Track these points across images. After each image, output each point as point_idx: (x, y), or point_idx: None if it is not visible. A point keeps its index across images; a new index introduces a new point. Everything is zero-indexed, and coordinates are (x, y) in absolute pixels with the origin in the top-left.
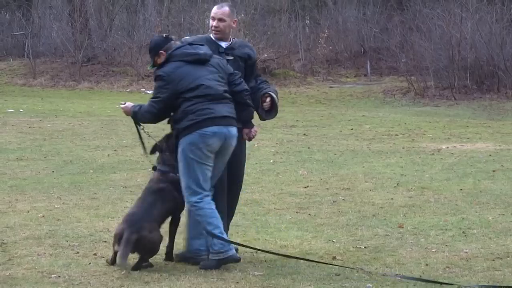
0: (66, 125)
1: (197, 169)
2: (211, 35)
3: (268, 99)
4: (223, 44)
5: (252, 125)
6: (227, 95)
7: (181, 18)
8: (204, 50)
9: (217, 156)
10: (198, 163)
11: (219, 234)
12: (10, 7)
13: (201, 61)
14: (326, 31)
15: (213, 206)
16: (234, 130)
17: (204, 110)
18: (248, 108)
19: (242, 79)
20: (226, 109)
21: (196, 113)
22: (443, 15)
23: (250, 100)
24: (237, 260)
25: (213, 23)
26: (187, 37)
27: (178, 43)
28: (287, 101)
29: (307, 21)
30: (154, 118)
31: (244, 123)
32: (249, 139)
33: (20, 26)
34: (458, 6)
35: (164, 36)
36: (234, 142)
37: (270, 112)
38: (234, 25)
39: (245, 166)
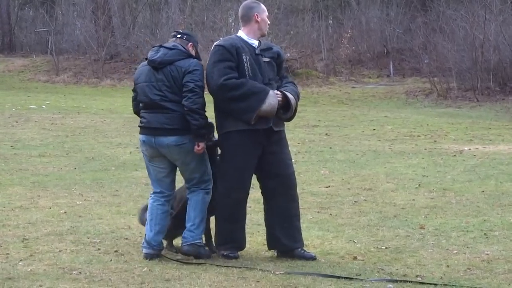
0: (88, 122)
1: (149, 166)
2: (240, 34)
3: (280, 93)
4: (255, 44)
5: (202, 140)
6: (164, 104)
7: (204, 17)
8: (160, 55)
9: (171, 161)
10: (148, 161)
11: (146, 231)
12: (34, 3)
13: (153, 66)
14: (349, 31)
15: (155, 205)
16: (164, 140)
17: (141, 117)
18: (192, 124)
19: (193, 96)
20: (158, 119)
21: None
22: (467, 16)
23: (194, 119)
24: (146, 257)
25: (268, 21)
26: (221, 38)
27: (171, 40)
28: (309, 101)
29: (330, 21)
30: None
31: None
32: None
33: (43, 22)
34: (481, 7)
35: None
36: (170, 150)
37: (286, 111)
38: None
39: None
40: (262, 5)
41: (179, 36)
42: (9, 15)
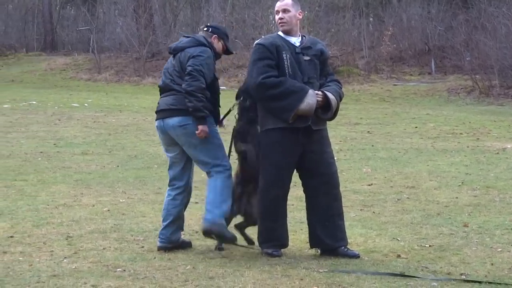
0: (130, 120)
1: (167, 156)
2: (280, 32)
3: (320, 93)
4: (296, 42)
5: (202, 123)
6: (172, 85)
7: (245, 15)
8: (176, 43)
9: (181, 146)
10: (165, 151)
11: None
12: (76, 2)
13: (170, 52)
14: (390, 28)
15: (166, 200)
16: (170, 121)
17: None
18: (188, 106)
19: (190, 79)
20: (166, 101)
21: None
22: (509, 13)
23: (189, 101)
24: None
25: (277, 16)
26: (262, 37)
27: (200, 33)
28: (350, 99)
29: (371, 19)
30: None
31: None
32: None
33: (85, 21)
34: None
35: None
36: (176, 131)
37: (325, 111)
38: (300, 16)
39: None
40: (277, 3)
41: (205, 29)
42: (51, 14)
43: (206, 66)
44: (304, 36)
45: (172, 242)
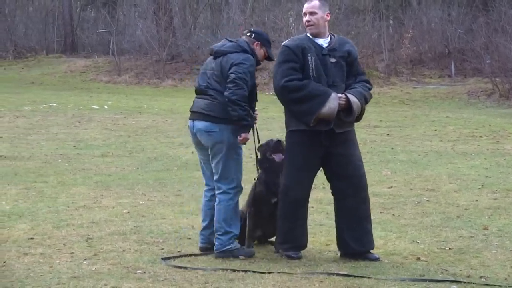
0: (150, 122)
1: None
2: (308, 34)
3: (343, 96)
4: (324, 43)
5: (245, 131)
6: (208, 90)
7: (265, 17)
8: (218, 45)
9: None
10: (196, 151)
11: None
12: (96, 4)
13: (211, 54)
14: (410, 31)
15: (203, 201)
16: (198, 124)
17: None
18: (232, 115)
19: (233, 87)
20: (200, 104)
21: None
22: None
23: (233, 110)
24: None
25: (305, 18)
26: (292, 37)
27: (243, 37)
28: (370, 102)
29: (391, 21)
30: None
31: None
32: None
33: (105, 23)
34: None
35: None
36: (201, 136)
37: (348, 114)
38: (327, 18)
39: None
40: (305, 5)
41: (248, 34)
42: (71, 16)
43: (249, 74)
44: (333, 35)
45: (213, 242)
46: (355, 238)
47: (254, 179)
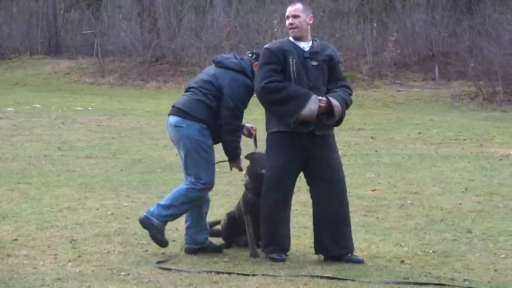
0: (134, 124)
1: None
2: (290, 37)
3: (324, 99)
4: (306, 46)
5: (236, 160)
6: (193, 86)
7: (250, 19)
8: (224, 57)
9: None
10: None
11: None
12: (80, 6)
13: (213, 60)
14: (394, 34)
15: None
16: (169, 118)
17: None
18: (224, 144)
19: (231, 117)
20: (180, 99)
21: None
22: None
23: (229, 136)
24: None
25: (288, 21)
26: (269, 42)
27: (246, 57)
28: (354, 104)
29: (375, 24)
30: None
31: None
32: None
33: (89, 25)
34: None
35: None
36: (171, 131)
37: (329, 117)
38: (310, 21)
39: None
40: (288, 8)
41: (250, 54)
42: (55, 17)
43: (244, 102)
44: (315, 40)
45: (198, 242)
46: (332, 241)
47: (242, 180)
